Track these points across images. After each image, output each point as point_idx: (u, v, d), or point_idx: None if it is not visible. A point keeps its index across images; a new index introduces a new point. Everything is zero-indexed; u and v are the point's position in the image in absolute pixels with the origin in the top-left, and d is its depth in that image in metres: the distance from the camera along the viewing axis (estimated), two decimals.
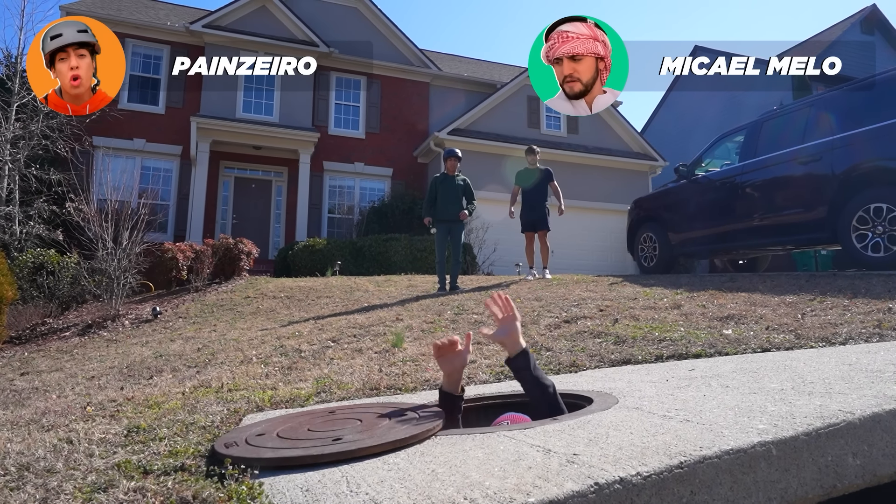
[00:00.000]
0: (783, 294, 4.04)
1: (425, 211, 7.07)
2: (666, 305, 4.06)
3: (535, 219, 7.41)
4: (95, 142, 12.49)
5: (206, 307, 7.62)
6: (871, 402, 1.33)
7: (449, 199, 6.91)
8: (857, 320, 2.96)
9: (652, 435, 1.27)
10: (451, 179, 7.02)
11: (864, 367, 1.81)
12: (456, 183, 6.99)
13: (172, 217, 13.20)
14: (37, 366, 5.31)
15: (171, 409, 2.40)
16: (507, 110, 15.62)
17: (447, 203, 6.91)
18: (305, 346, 4.11)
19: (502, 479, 1.09)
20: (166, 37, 13.65)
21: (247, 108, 13.68)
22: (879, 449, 1.23)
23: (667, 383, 1.96)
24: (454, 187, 6.96)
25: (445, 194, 6.93)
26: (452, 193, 6.93)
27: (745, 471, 1.11)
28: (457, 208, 6.91)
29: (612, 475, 1.04)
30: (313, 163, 13.99)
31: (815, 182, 5.40)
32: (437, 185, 7.03)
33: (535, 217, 7.40)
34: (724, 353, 2.62)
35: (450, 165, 7.07)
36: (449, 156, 7.17)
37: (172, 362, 4.18)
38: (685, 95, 20.85)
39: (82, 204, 8.55)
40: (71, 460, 1.64)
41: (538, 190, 7.44)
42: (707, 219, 6.56)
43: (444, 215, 6.90)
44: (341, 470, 1.29)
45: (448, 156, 7.17)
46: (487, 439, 1.43)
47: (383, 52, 15.42)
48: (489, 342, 2.92)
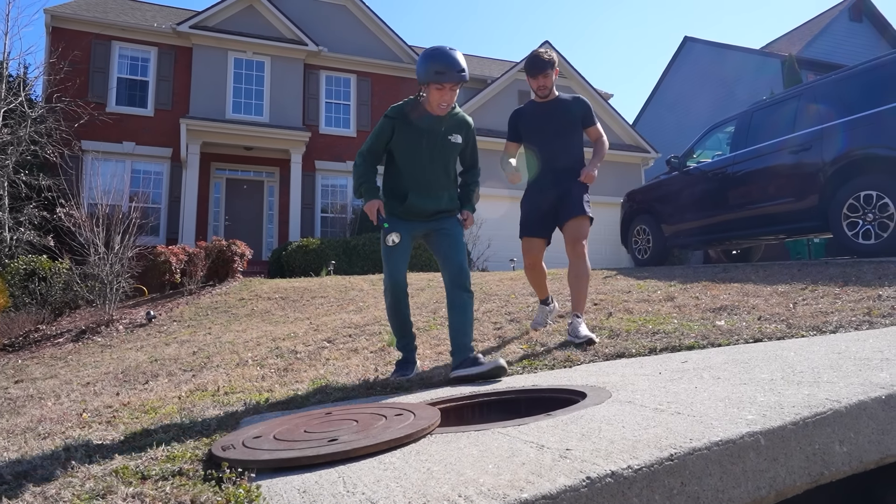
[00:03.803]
0: (775, 283, 4.08)
1: (366, 189, 2.86)
2: (659, 298, 4.09)
3: (554, 198, 3.38)
4: (84, 146, 12.41)
5: (201, 310, 7.61)
6: (858, 390, 1.35)
7: (431, 170, 2.85)
8: (847, 308, 2.99)
9: (643, 428, 1.29)
10: (438, 125, 2.82)
11: (852, 356, 1.84)
12: (446, 137, 2.84)
13: (164, 220, 13.14)
14: (31, 373, 5.29)
15: (168, 414, 2.40)
16: (497, 105, 15.62)
17: (426, 176, 2.85)
18: (301, 346, 4.11)
19: (496, 476, 1.10)
20: (153, 38, 13.55)
21: (236, 109, 13.62)
22: (865, 436, 1.25)
23: (659, 376, 1.98)
24: (443, 144, 2.85)
25: (419, 155, 2.83)
26: (438, 156, 2.85)
27: (734, 461, 1.13)
28: (444, 194, 2.91)
29: (603, 469, 1.06)
30: (305, 162, 13.95)
31: (805, 171, 5.44)
32: (397, 130, 2.83)
33: (554, 195, 3.38)
34: (717, 344, 2.64)
35: (436, 95, 2.73)
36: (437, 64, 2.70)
37: (168, 366, 4.17)
38: (676, 86, 20.91)
39: (73, 209, 8.51)
40: (68, 467, 1.64)
41: (560, 139, 3.42)
42: (699, 210, 6.60)
43: (418, 205, 2.85)
44: (338, 470, 1.31)
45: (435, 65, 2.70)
46: (482, 436, 1.45)
47: (373, 50, 15.38)
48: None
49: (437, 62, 2.67)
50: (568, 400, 1.88)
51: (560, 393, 2.02)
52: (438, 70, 2.65)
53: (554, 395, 2.02)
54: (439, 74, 2.65)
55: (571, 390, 1.98)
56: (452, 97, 2.74)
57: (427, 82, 2.71)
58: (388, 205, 2.84)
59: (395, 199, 2.85)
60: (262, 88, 13.92)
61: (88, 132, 12.33)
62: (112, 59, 13.27)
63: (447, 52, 2.70)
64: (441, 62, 2.67)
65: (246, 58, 13.89)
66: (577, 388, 1.96)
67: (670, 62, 21.65)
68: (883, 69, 5.15)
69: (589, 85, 16.54)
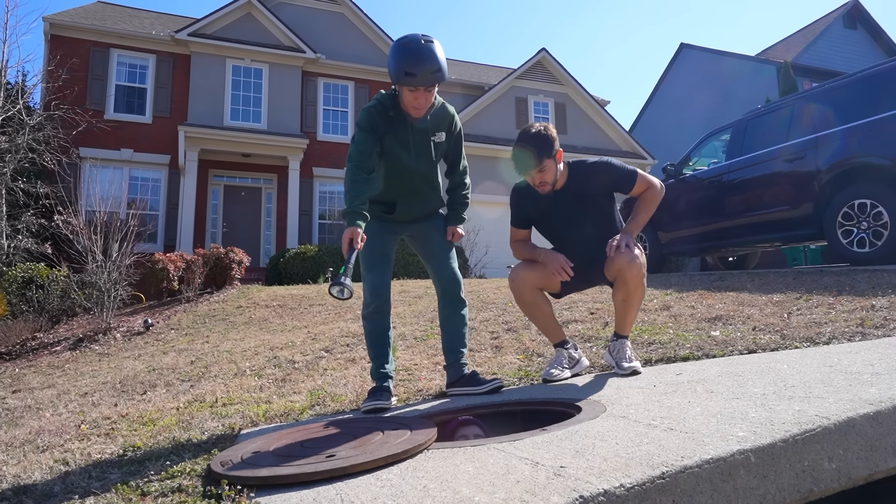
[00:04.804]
0: (770, 293, 4.11)
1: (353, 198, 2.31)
2: (655, 307, 4.12)
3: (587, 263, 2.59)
4: (82, 153, 12.41)
5: (199, 318, 7.61)
6: (847, 407, 1.38)
7: (417, 174, 2.55)
8: (841, 319, 3.02)
9: (636, 445, 1.31)
10: (419, 125, 2.47)
11: (843, 369, 1.86)
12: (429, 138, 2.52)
13: (162, 227, 13.13)
14: (28, 382, 5.28)
15: (167, 427, 2.41)
16: (495, 112, 15.71)
17: (413, 181, 2.57)
18: (299, 356, 4.12)
19: (491, 495, 1.12)
20: (152, 46, 13.59)
21: (234, 116, 13.65)
22: (854, 452, 1.27)
23: (654, 389, 2.00)
24: (427, 146, 2.52)
25: (401, 160, 2.49)
26: (423, 158, 2.53)
27: (724, 479, 1.15)
28: (433, 195, 2.66)
29: (596, 488, 1.08)
30: (303, 169, 13.97)
31: (800, 179, 5.48)
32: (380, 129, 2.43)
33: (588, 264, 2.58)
34: (712, 355, 2.66)
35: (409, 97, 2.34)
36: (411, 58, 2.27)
37: (166, 376, 4.18)
38: (673, 93, 21.03)
39: (70, 216, 8.51)
40: (68, 483, 1.65)
41: (585, 207, 2.62)
42: (696, 217, 6.64)
43: (406, 213, 2.63)
44: (336, 487, 1.32)
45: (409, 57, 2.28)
46: (478, 452, 1.46)
47: (370, 57, 15.43)
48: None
49: (406, 61, 2.22)
50: (563, 413, 1.90)
51: (556, 406, 2.04)
52: (409, 71, 2.22)
53: (549, 409, 2.04)
54: (409, 76, 2.22)
55: (567, 403, 2.00)
56: (429, 98, 2.33)
57: (397, 83, 2.30)
58: (370, 208, 2.37)
59: (378, 204, 2.51)
60: (260, 95, 13.96)
61: (86, 139, 12.34)
62: (110, 67, 13.30)
63: (419, 49, 2.22)
64: (411, 61, 2.22)
65: (244, 65, 13.93)
66: (573, 402, 1.98)
67: (667, 69, 21.79)
68: (877, 79, 5.20)
69: (586, 92, 16.64)
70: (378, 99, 2.44)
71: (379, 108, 2.40)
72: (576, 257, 2.51)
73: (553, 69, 16.46)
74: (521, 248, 2.65)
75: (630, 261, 2.33)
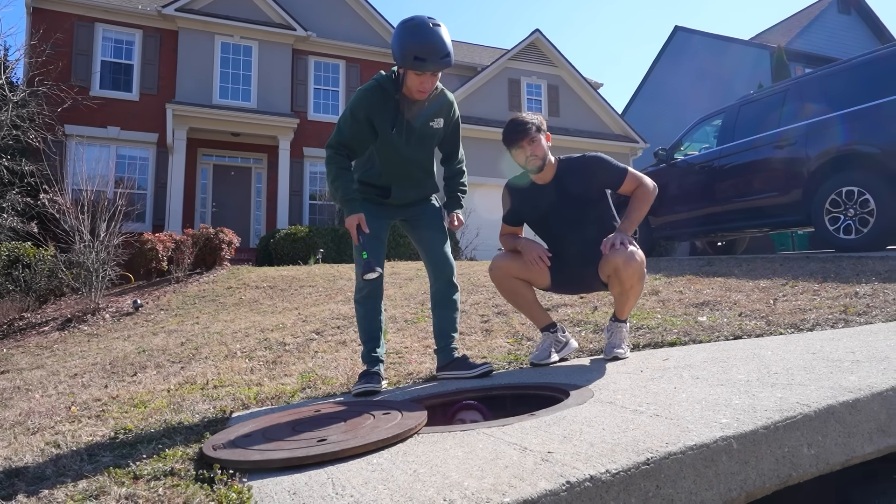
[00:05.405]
0: (757, 278, 4.16)
1: (345, 184, 2.42)
2: (644, 292, 4.16)
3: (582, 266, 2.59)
4: (68, 131, 12.20)
5: (188, 299, 7.59)
6: (828, 394, 1.41)
7: (413, 160, 2.56)
8: (825, 305, 3.07)
9: (623, 431, 1.34)
10: (417, 110, 2.48)
11: (825, 356, 1.90)
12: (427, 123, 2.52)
13: (150, 206, 13.00)
14: (17, 363, 5.26)
15: (158, 409, 2.42)
16: (488, 93, 15.60)
17: (409, 167, 2.58)
18: (290, 338, 4.13)
19: (480, 479, 1.14)
20: (138, 21, 13.30)
21: (223, 94, 13.45)
22: (832, 439, 1.31)
23: (641, 374, 2.04)
24: (424, 132, 2.53)
25: (398, 145, 2.49)
26: (419, 144, 2.55)
27: (707, 464, 1.18)
28: (428, 180, 2.69)
29: (583, 473, 1.10)
30: (293, 149, 13.85)
31: (789, 166, 5.52)
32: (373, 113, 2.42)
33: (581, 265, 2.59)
34: (698, 340, 2.71)
35: (415, 80, 2.33)
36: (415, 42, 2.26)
37: (156, 357, 4.18)
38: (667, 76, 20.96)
39: (57, 195, 8.40)
40: (60, 466, 1.66)
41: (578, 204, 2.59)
42: (686, 202, 6.68)
43: (401, 197, 2.64)
44: (327, 471, 1.34)
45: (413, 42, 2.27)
46: (467, 437, 1.49)
47: (362, 36, 15.22)
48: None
49: (416, 45, 2.22)
50: (551, 398, 1.93)
51: (544, 390, 2.07)
52: (418, 56, 2.21)
53: (538, 393, 2.07)
54: (419, 62, 2.22)
55: (555, 388, 2.03)
56: (434, 82, 2.34)
57: (404, 67, 2.29)
58: (364, 190, 2.49)
59: (373, 187, 2.53)
60: (249, 73, 13.74)
61: (72, 116, 12.12)
62: (96, 42, 13.01)
63: (429, 32, 2.23)
64: (421, 46, 2.22)
65: (233, 42, 13.69)
66: (561, 386, 2.01)
67: (660, 52, 21.69)
68: (869, 66, 5.22)
69: (579, 74, 16.54)
70: (377, 80, 2.42)
71: (378, 89, 2.40)
72: (570, 256, 2.56)
73: (547, 51, 16.33)
74: (507, 241, 2.70)
75: (626, 259, 2.30)
